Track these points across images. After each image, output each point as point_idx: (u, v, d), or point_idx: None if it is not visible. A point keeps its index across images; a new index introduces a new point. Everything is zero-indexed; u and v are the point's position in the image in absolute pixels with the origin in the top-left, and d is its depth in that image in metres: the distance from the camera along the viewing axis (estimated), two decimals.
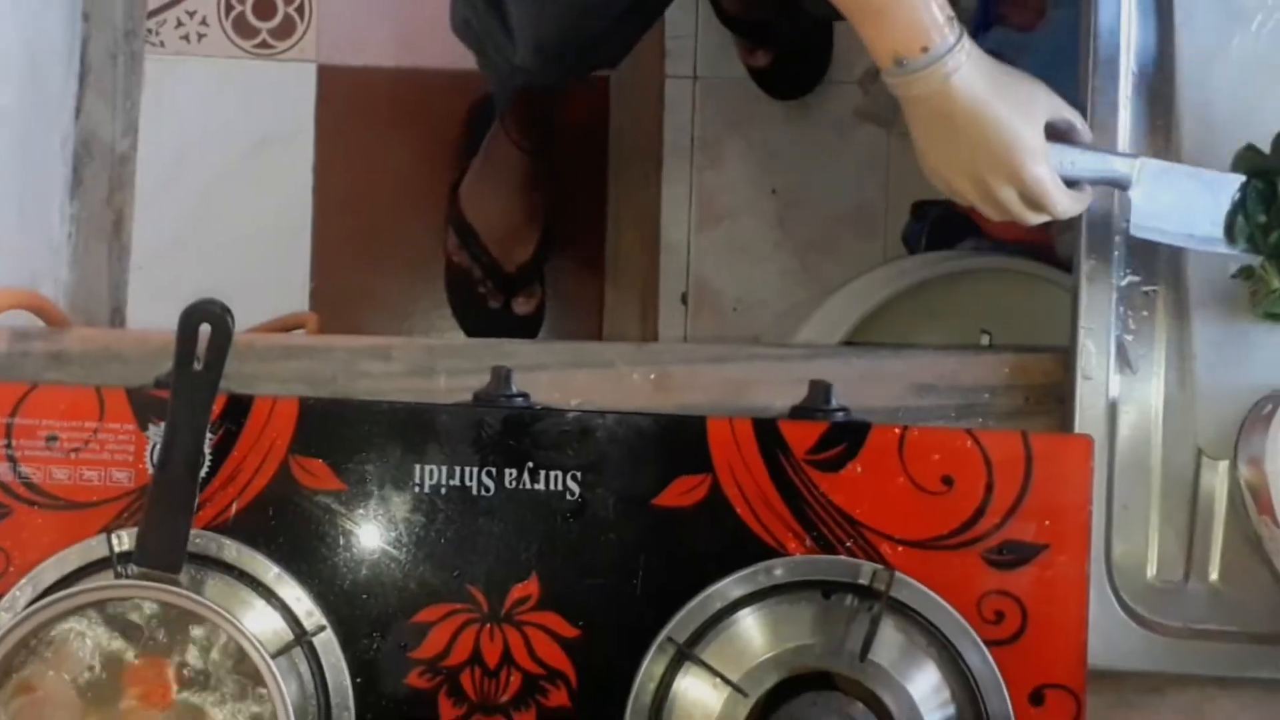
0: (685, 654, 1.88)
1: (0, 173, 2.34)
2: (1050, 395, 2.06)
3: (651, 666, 1.89)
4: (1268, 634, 2.02)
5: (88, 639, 1.83)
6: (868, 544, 1.93)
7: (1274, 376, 2.02)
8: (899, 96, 1.93)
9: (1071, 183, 1.98)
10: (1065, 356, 2.05)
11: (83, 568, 1.90)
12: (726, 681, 1.85)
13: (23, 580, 1.89)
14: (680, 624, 1.89)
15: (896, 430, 1.95)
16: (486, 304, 3.47)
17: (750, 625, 1.90)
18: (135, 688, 1.83)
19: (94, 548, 1.89)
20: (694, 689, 1.89)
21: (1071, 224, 2.09)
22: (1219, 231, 1.97)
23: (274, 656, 1.77)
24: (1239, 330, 2.04)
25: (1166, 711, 2.06)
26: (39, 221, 2.66)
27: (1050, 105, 1.96)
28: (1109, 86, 2.04)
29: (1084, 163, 1.98)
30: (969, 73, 1.86)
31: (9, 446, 1.92)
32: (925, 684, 1.87)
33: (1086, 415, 2.02)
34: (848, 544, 1.93)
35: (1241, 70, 2.07)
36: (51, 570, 1.90)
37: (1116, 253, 2.05)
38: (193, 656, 1.83)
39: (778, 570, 1.90)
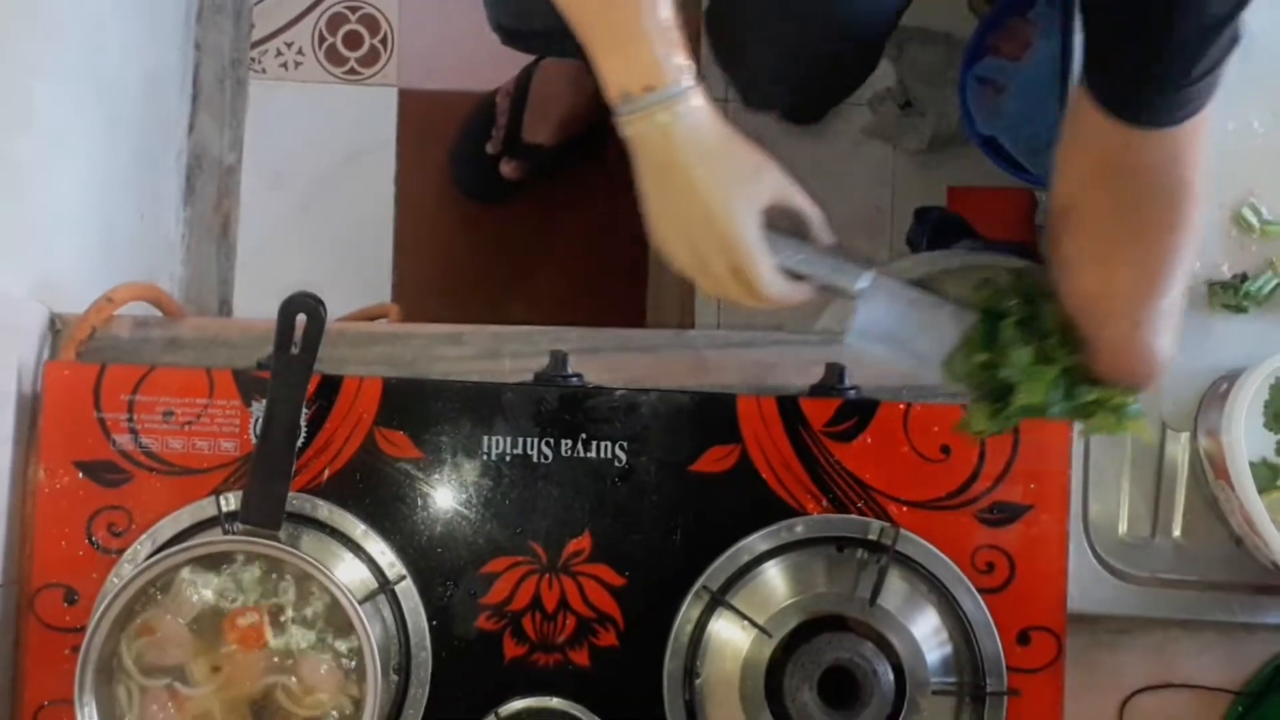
0: (718, 600, 1.90)
1: (123, 182, 2.34)
2: None
3: (689, 611, 1.91)
4: (1223, 582, 2.03)
5: (198, 587, 1.85)
6: (876, 505, 1.95)
7: (1228, 361, 2.03)
8: (625, 137, 1.67)
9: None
10: None
11: (194, 525, 1.91)
12: (753, 624, 1.87)
13: (143, 536, 1.91)
14: (713, 574, 1.90)
15: (901, 406, 1.97)
16: (483, 145, 3.40)
17: (774, 575, 1.92)
18: (235, 632, 1.84)
19: (204, 508, 1.91)
20: (725, 630, 1.91)
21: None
22: (936, 362, 1.80)
23: (361, 603, 1.79)
24: (1198, 321, 2.04)
25: (1135, 650, 2.06)
26: (157, 224, 2.66)
27: (778, 189, 1.72)
28: None
29: (810, 263, 1.75)
30: (694, 125, 1.64)
31: (131, 420, 1.93)
32: (926, 626, 1.90)
33: None
34: (859, 505, 1.95)
35: None
36: (168, 527, 1.91)
37: None
38: (289, 604, 1.85)
39: (798, 528, 1.92)
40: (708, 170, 1.64)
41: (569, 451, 1.96)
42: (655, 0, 1.57)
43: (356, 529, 1.93)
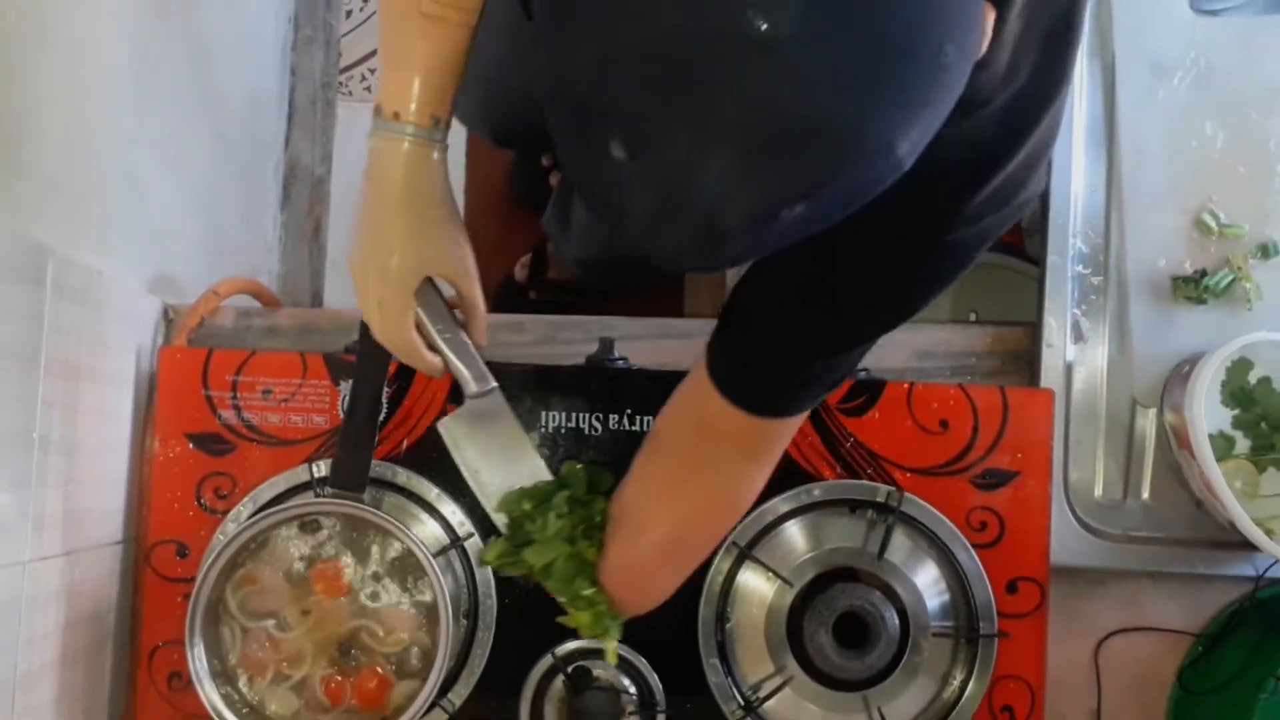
0: (745, 554, 1.89)
1: (228, 190, 2.34)
2: (1021, 359, 2.04)
3: (720, 563, 1.90)
4: (1185, 539, 2.02)
5: (292, 543, 1.85)
6: (883, 471, 1.93)
7: (1189, 346, 2.01)
8: (369, 145, 1.54)
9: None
10: (1033, 330, 2.04)
11: (290, 489, 1.91)
12: (777, 575, 1.87)
13: (245, 499, 1.91)
14: (741, 531, 1.88)
15: (905, 386, 1.95)
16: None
17: (794, 533, 1.91)
18: (322, 581, 1.85)
19: (298, 474, 1.91)
20: (752, 581, 1.90)
21: (1039, 229, 2.07)
22: (492, 488, 1.74)
23: (435, 556, 1.78)
24: (1164, 311, 2.03)
25: (1109, 598, 2.05)
26: (257, 227, 2.66)
27: (457, 271, 1.61)
28: (1065, 130, 2.00)
29: (449, 345, 1.65)
30: (423, 172, 1.52)
31: (234, 398, 1.93)
32: (927, 577, 1.89)
33: (1049, 374, 2.01)
34: (868, 471, 1.93)
35: (1167, 115, 2.05)
36: (266, 491, 1.91)
37: (1072, 252, 2.04)
38: (373, 557, 1.86)
39: (815, 491, 1.90)
40: (411, 212, 1.54)
41: (616, 425, 1.94)
42: (435, 55, 1.49)
43: (431, 492, 1.92)
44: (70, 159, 1.77)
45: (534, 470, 1.73)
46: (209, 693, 1.76)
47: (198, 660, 1.77)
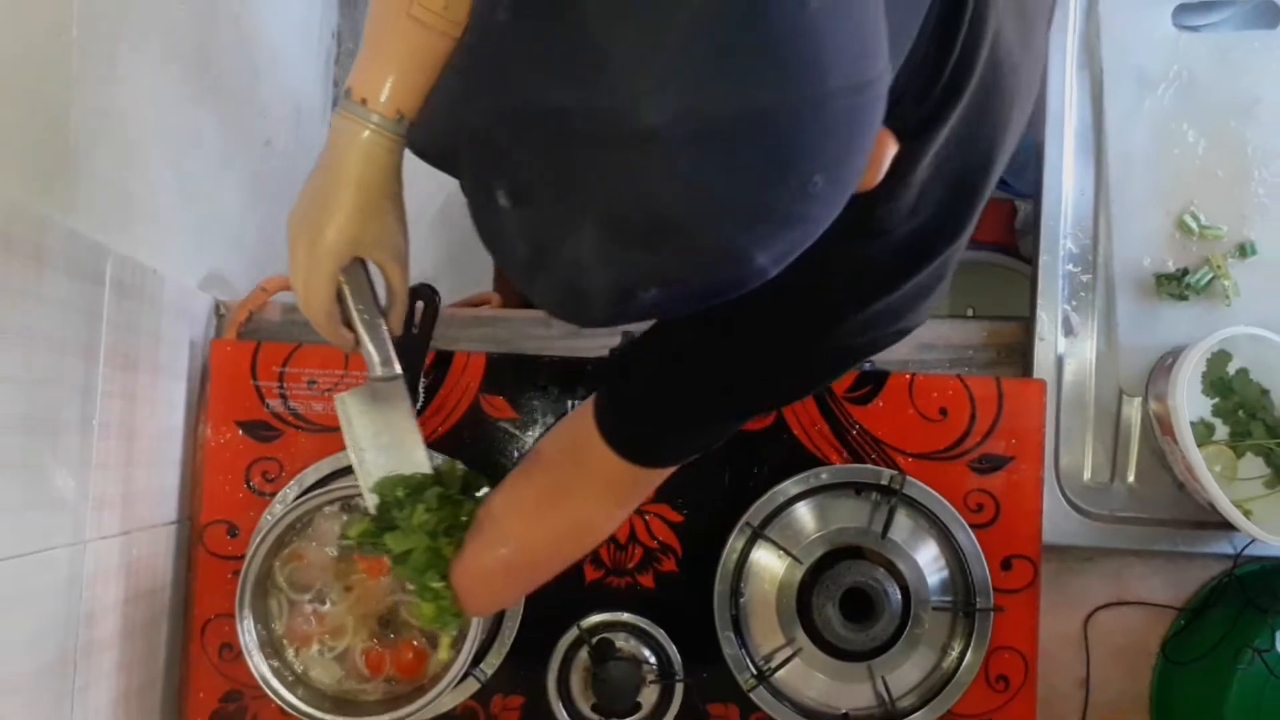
0: (758, 533, 1.87)
1: (274, 193, 2.32)
2: (1015, 352, 2.02)
3: (734, 542, 1.88)
4: (1168, 519, 2.01)
5: (336, 523, 1.84)
6: (887, 456, 1.91)
7: (1172, 339, 1.99)
8: (332, 122, 1.46)
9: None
10: (1026, 324, 2.02)
11: (333, 472, 1.89)
12: (787, 553, 1.86)
13: (291, 481, 1.89)
14: (754, 512, 1.87)
15: (907, 376, 1.93)
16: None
17: (804, 513, 1.89)
18: (364, 561, 1.84)
19: (340, 459, 1.88)
20: (764, 558, 1.89)
21: (1031, 229, 2.05)
22: (373, 469, 1.63)
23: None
24: (1148, 306, 2.02)
25: (1097, 574, 2.04)
26: None
27: (390, 258, 1.52)
28: (1056, 138, 2.01)
29: (362, 325, 1.54)
30: (379, 160, 1.44)
31: (281, 388, 1.91)
32: (927, 555, 1.88)
33: (1041, 366, 2.00)
34: (873, 456, 1.92)
35: (1151, 124, 2.04)
36: (311, 474, 1.90)
37: (1062, 251, 2.03)
38: None
39: (823, 475, 1.88)
40: (358, 194, 1.45)
41: None
42: (414, 56, 1.42)
43: None
44: (127, 166, 1.76)
45: (417, 462, 1.65)
46: (257, 663, 1.76)
47: (247, 632, 1.77)
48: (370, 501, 1.61)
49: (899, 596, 1.84)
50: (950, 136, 1.12)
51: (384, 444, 1.63)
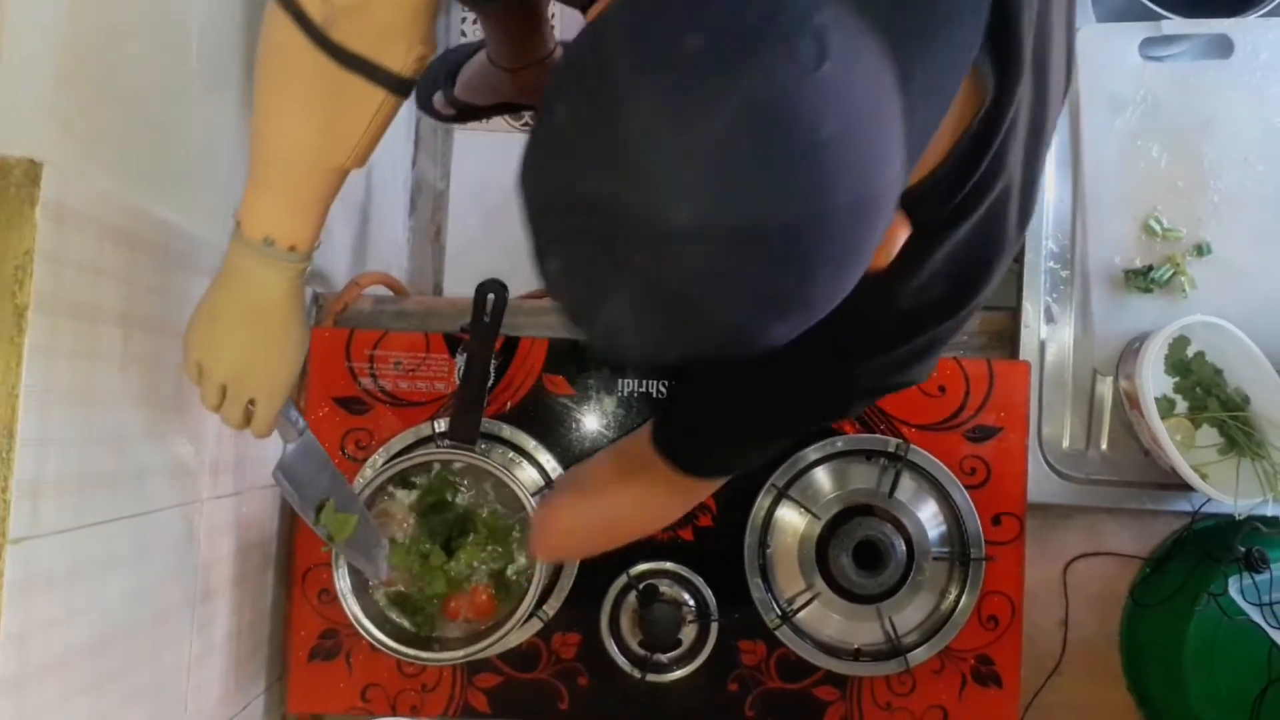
0: (782, 493, 1.84)
1: (365, 201, 2.32)
2: (1004, 337, 1.98)
3: (762, 500, 1.84)
4: (1136, 481, 1.98)
5: (418, 483, 1.82)
6: (893, 427, 1.86)
7: (1139, 327, 1.97)
8: (227, 259, 1.35)
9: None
10: (1013, 313, 1.99)
11: (416, 441, 1.86)
12: (807, 510, 1.83)
13: (380, 449, 1.85)
14: (780, 474, 1.84)
15: None
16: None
17: (822, 476, 1.85)
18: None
19: (422, 429, 1.85)
20: (787, 515, 1.85)
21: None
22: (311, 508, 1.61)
23: (533, 495, 1.74)
24: (1119, 298, 1.99)
25: (1074, 529, 2.01)
26: (390, 232, 2.65)
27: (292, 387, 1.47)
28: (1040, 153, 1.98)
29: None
30: (298, 291, 1.38)
31: (371, 369, 1.87)
32: (928, 512, 1.84)
33: (1026, 349, 1.97)
34: (881, 427, 1.87)
35: (1121, 141, 2.01)
36: (397, 442, 1.86)
37: (1044, 250, 2.00)
38: (485, 496, 1.83)
39: (839, 443, 1.84)
40: (299, 331, 1.40)
41: None
42: (332, 198, 1.37)
43: (529, 444, 1.86)
44: (242, 177, 1.71)
45: (352, 501, 1.66)
46: (351, 604, 1.74)
47: (342, 579, 1.74)
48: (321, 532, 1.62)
49: (904, 548, 1.81)
50: (962, 239, 1.11)
51: (311, 490, 1.61)
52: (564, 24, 2.70)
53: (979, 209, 1.09)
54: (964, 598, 1.84)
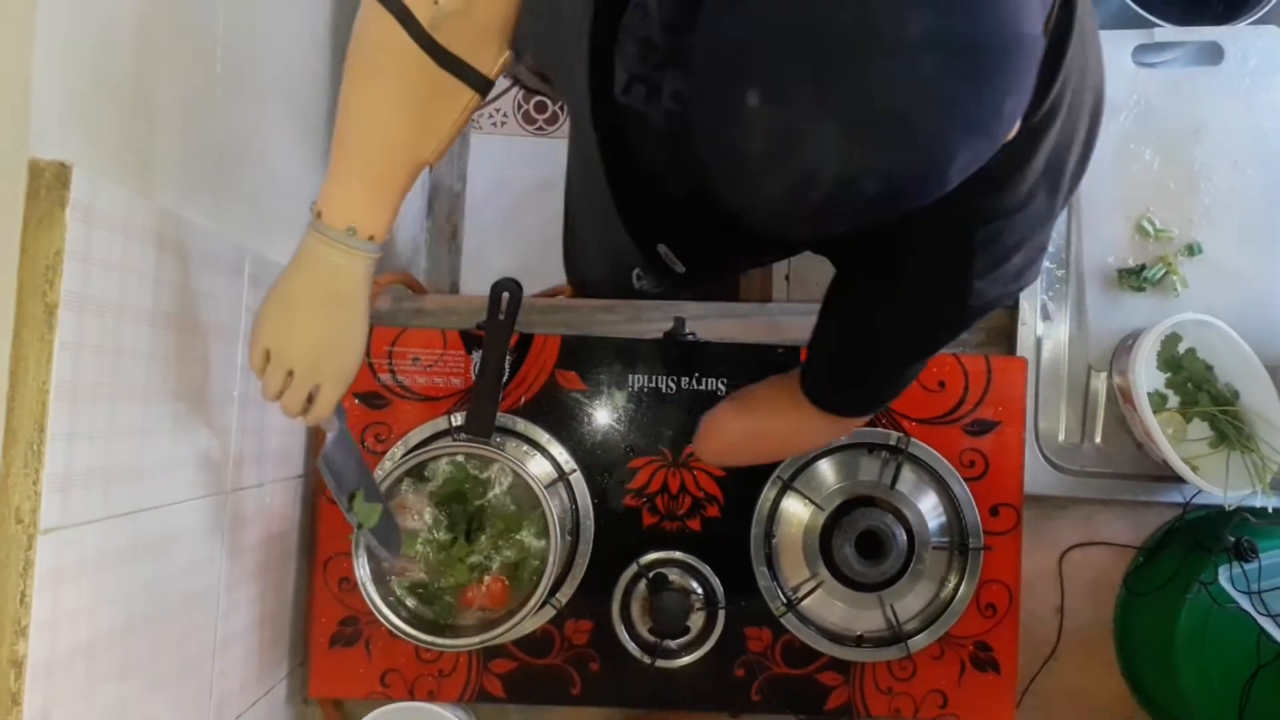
0: (787, 485, 1.83)
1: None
2: (1001, 334, 1.97)
3: (768, 492, 1.84)
4: (1129, 473, 1.96)
5: (436, 474, 1.79)
6: (894, 421, 1.85)
7: (1132, 324, 1.95)
8: (308, 246, 1.33)
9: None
10: (1011, 311, 1.97)
11: (433, 435, 1.84)
12: (812, 501, 1.81)
13: (399, 441, 1.84)
14: (784, 467, 1.83)
15: None
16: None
17: (826, 468, 1.84)
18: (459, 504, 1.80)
19: (439, 423, 1.84)
20: (792, 506, 1.84)
21: None
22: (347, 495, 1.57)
23: (546, 487, 1.72)
24: (1113, 296, 1.98)
25: (1069, 519, 2.00)
26: (409, 233, 2.64)
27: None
28: None
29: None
30: (368, 280, 1.34)
31: (391, 364, 1.85)
32: (929, 503, 1.83)
33: (1023, 346, 1.95)
34: (883, 420, 1.85)
35: (1115, 144, 1.99)
36: (415, 435, 1.84)
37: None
38: (499, 487, 1.79)
39: (842, 436, 1.82)
40: (366, 320, 1.36)
41: (687, 385, 1.86)
42: (407, 191, 1.35)
43: (543, 437, 1.85)
44: (263, 179, 1.71)
45: (374, 487, 1.62)
46: (370, 593, 1.72)
47: (361, 568, 1.73)
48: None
49: (905, 538, 1.80)
50: (1053, 141, 1.12)
51: (347, 478, 1.57)
52: None
53: (1062, 111, 1.10)
54: (963, 586, 1.83)
